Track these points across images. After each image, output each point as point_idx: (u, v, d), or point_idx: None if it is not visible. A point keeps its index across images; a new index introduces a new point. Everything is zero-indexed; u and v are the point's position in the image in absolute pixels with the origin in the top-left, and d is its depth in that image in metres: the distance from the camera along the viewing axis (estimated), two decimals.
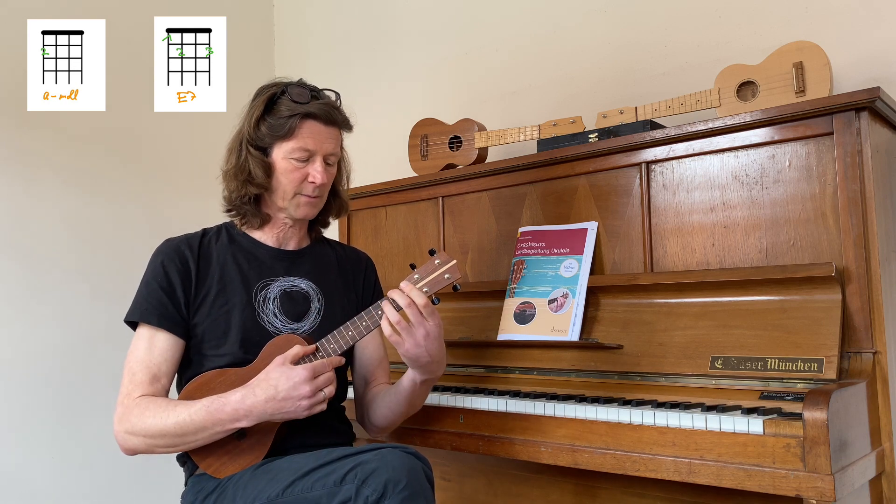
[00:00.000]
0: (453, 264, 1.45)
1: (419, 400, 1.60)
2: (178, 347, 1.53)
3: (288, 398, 1.38)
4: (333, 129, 1.57)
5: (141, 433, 1.43)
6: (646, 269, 1.79)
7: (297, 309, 1.59)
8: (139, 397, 1.46)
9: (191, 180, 2.91)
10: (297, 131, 1.52)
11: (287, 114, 1.51)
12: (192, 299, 1.54)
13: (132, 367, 1.49)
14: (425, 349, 1.45)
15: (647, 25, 2.23)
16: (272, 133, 1.53)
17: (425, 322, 1.44)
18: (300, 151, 1.53)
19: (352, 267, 1.74)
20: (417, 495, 1.27)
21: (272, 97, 1.54)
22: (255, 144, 1.55)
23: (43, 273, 2.51)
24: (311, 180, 1.55)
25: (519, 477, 1.89)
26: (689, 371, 1.58)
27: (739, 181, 1.68)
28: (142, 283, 1.55)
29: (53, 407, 2.50)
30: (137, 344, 1.51)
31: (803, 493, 1.24)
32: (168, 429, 1.41)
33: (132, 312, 1.53)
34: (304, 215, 1.60)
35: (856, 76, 1.86)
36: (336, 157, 1.60)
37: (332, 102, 1.58)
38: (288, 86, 1.55)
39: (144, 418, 1.42)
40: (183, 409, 1.41)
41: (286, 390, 1.38)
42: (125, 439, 1.45)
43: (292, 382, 1.38)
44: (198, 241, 1.60)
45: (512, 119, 2.46)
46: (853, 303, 1.49)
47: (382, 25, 2.95)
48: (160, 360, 1.50)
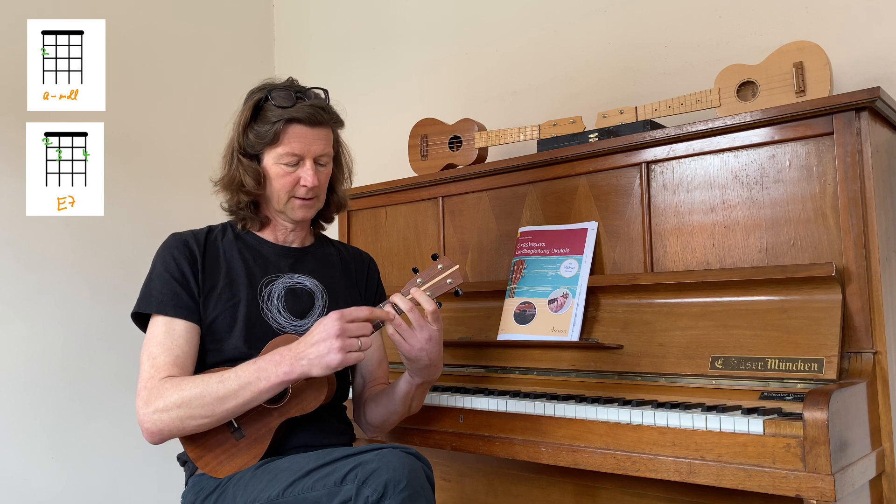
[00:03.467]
0: (455, 269, 1.46)
1: (416, 402, 1.61)
2: (196, 334, 1.51)
3: (321, 341, 1.36)
4: (321, 130, 1.56)
5: (175, 405, 1.39)
6: (646, 269, 1.79)
7: (301, 306, 1.60)
8: (165, 378, 1.43)
9: (191, 180, 2.91)
10: (283, 136, 1.52)
11: (272, 119, 1.51)
12: (202, 290, 1.54)
13: (152, 352, 1.47)
14: (426, 352, 1.46)
15: (647, 25, 2.23)
16: (259, 140, 1.53)
17: (429, 325, 1.44)
18: (288, 156, 1.53)
19: (355, 266, 1.75)
20: (417, 495, 1.27)
21: (258, 103, 1.54)
22: (246, 152, 1.55)
23: (43, 273, 2.51)
24: (302, 184, 1.55)
25: (519, 477, 1.89)
26: (689, 371, 1.58)
27: (739, 181, 1.68)
28: (152, 276, 1.54)
29: (53, 407, 2.49)
30: (154, 331, 1.49)
31: (803, 493, 1.24)
32: (210, 390, 1.38)
33: (146, 304, 1.51)
34: (301, 217, 1.61)
35: (856, 76, 1.86)
36: (328, 156, 1.60)
37: (319, 102, 1.57)
38: (272, 90, 1.54)
39: (181, 389, 1.39)
40: (224, 371, 1.40)
41: (318, 333, 1.36)
42: (155, 421, 1.40)
43: (323, 325, 1.37)
44: (204, 236, 1.61)
45: (512, 119, 2.46)
46: (853, 303, 1.49)
47: (382, 25, 2.95)
48: (181, 342, 1.48)
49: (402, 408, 1.59)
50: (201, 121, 2.98)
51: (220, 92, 3.06)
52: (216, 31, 3.12)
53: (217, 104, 3.04)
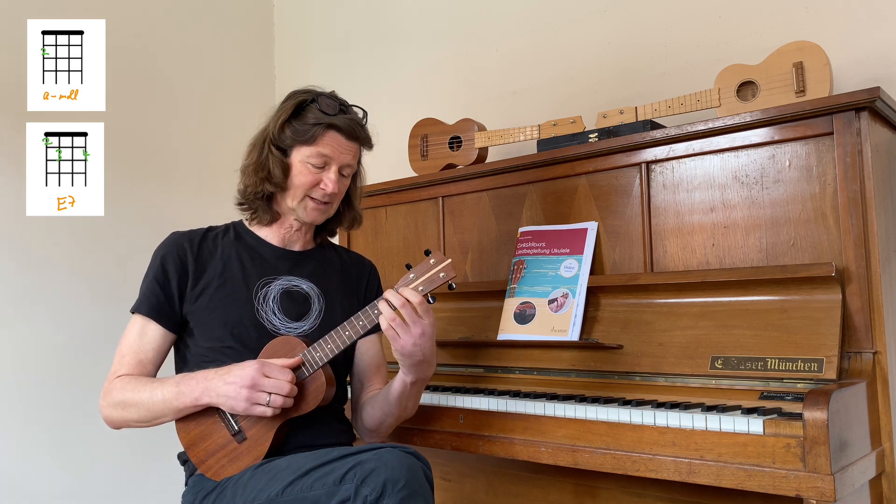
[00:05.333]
0: (448, 263, 1.46)
1: (411, 402, 1.61)
2: (168, 340, 1.59)
3: (232, 384, 1.42)
4: (354, 144, 1.62)
5: (119, 404, 1.51)
6: (646, 269, 1.79)
7: (296, 308, 1.60)
8: (122, 376, 1.54)
9: (191, 180, 2.91)
10: (319, 139, 1.57)
11: (313, 121, 1.57)
12: (187, 293, 1.58)
13: (122, 350, 1.58)
14: (420, 347, 1.46)
15: (647, 25, 2.23)
16: (295, 136, 1.58)
17: (421, 320, 1.45)
18: (318, 157, 1.57)
19: (356, 272, 1.75)
20: (416, 495, 1.27)
21: (301, 103, 1.59)
22: (277, 145, 1.60)
23: (43, 273, 2.51)
24: (322, 187, 1.59)
25: (519, 477, 1.89)
26: (689, 371, 1.58)
27: (739, 181, 1.68)
28: (145, 276, 1.61)
29: (53, 407, 2.50)
30: (131, 330, 1.59)
31: (803, 493, 1.24)
32: (143, 398, 1.48)
33: (135, 303, 1.60)
34: (311, 219, 1.63)
35: (856, 76, 1.85)
36: (352, 169, 1.65)
37: (358, 119, 1.63)
38: (319, 96, 1.60)
39: (125, 391, 1.51)
40: (158, 383, 1.50)
41: (234, 376, 1.42)
42: (107, 413, 1.54)
43: (240, 371, 1.43)
44: (200, 236, 1.64)
45: (512, 119, 2.46)
46: (853, 303, 1.49)
47: (382, 25, 2.95)
48: (148, 348, 1.57)
49: (398, 409, 1.59)
50: (201, 121, 2.98)
51: (220, 92, 3.07)
52: (216, 32, 3.12)
53: (217, 104, 3.05)
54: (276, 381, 1.42)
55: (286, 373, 1.43)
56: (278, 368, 1.43)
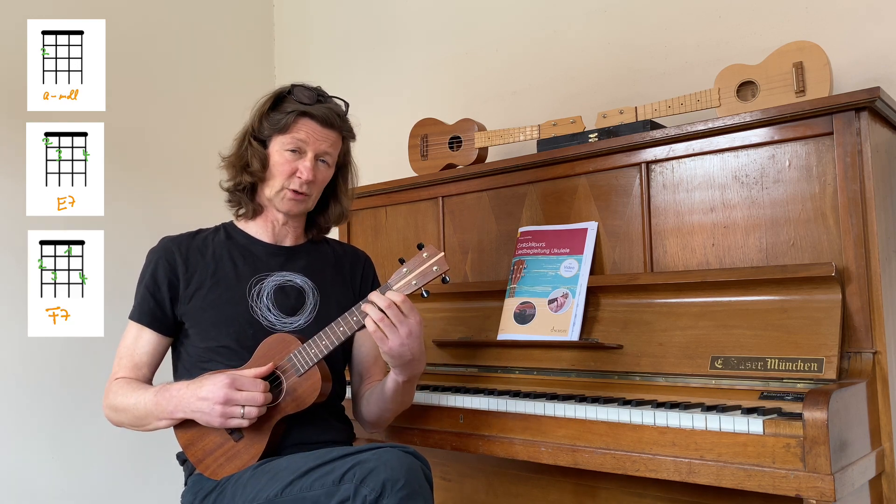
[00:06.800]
0: (441, 256, 1.46)
1: (406, 398, 1.62)
2: (162, 343, 1.62)
3: (205, 399, 1.41)
4: (330, 132, 1.61)
5: (115, 408, 1.55)
6: (646, 269, 1.79)
7: (290, 303, 1.61)
8: (120, 378, 1.58)
9: (191, 180, 2.91)
10: (293, 126, 1.58)
11: (288, 110, 1.58)
12: (179, 296, 1.59)
13: (120, 353, 1.61)
14: (408, 347, 1.45)
15: (647, 25, 2.23)
16: (272, 126, 1.59)
17: (407, 320, 1.44)
18: (293, 143, 1.58)
19: (350, 264, 1.75)
20: (416, 495, 1.27)
21: (279, 95, 1.61)
22: (257, 136, 1.61)
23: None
24: (298, 175, 1.59)
25: (519, 477, 1.89)
26: (689, 371, 1.58)
27: (739, 181, 1.68)
28: (138, 282, 1.63)
29: (53, 407, 2.50)
30: (127, 333, 1.62)
31: (803, 493, 1.24)
32: (132, 406, 1.51)
33: (132, 310, 1.63)
34: (287, 209, 1.63)
35: (856, 76, 1.85)
36: (331, 158, 1.64)
37: (337, 108, 1.63)
38: (296, 86, 1.61)
39: (119, 396, 1.54)
40: (143, 391, 1.52)
41: (205, 391, 1.42)
42: (107, 414, 1.58)
43: (211, 385, 1.42)
44: (189, 239, 1.65)
45: (512, 119, 2.46)
46: (853, 303, 1.49)
47: (382, 25, 2.95)
48: (142, 352, 1.60)
49: (393, 405, 1.60)
50: (201, 121, 2.98)
51: (220, 92, 3.07)
52: (216, 32, 3.12)
53: (217, 104, 3.04)
54: (249, 394, 1.41)
55: (258, 383, 1.43)
56: (250, 380, 1.43)
